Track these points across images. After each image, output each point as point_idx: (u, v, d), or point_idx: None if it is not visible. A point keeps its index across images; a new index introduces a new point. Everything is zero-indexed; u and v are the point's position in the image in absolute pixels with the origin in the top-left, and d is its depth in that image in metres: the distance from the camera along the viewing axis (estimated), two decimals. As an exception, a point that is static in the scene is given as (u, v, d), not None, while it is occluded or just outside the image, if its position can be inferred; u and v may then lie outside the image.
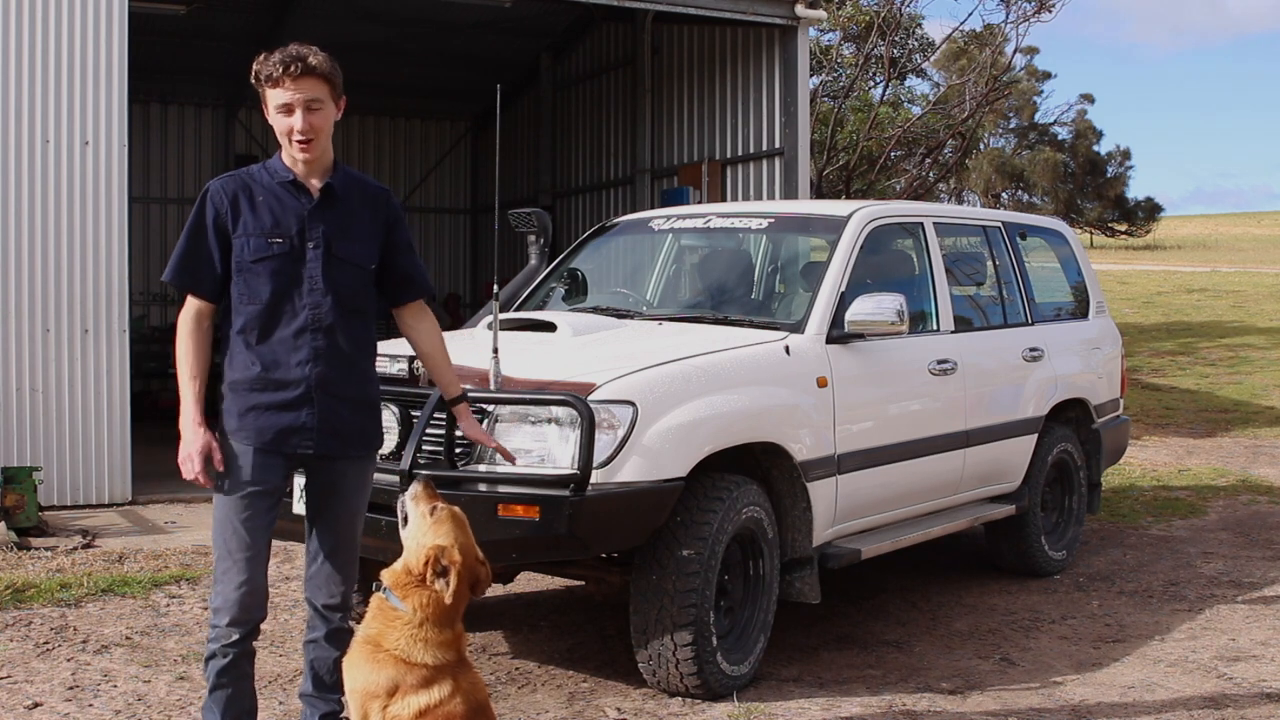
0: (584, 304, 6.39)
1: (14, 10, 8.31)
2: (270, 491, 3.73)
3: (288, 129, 3.67)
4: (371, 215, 3.83)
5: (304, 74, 3.65)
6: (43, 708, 4.71)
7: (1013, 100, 44.98)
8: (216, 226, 3.68)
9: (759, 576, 5.13)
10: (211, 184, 3.76)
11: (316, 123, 3.69)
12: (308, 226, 3.70)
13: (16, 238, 8.30)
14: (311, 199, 3.73)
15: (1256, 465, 10.84)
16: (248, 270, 3.67)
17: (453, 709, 3.30)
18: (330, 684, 3.90)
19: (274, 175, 3.75)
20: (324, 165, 3.78)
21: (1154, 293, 26.88)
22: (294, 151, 3.70)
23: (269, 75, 3.65)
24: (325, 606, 3.87)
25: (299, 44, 3.73)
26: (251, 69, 3.70)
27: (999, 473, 6.63)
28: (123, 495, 8.56)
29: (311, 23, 13.25)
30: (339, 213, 3.76)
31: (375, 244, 3.82)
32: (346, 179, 3.82)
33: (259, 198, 3.70)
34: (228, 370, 3.76)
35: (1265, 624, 6.14)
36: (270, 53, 3.69)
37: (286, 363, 3.68)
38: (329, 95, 3.72)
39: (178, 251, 3.71)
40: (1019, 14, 20.24)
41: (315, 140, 3.69)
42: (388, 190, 3.97)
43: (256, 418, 3.68)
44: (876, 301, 5.43)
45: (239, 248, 3.67)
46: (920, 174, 23.00)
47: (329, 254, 3.69)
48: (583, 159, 15.21)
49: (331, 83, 3.72)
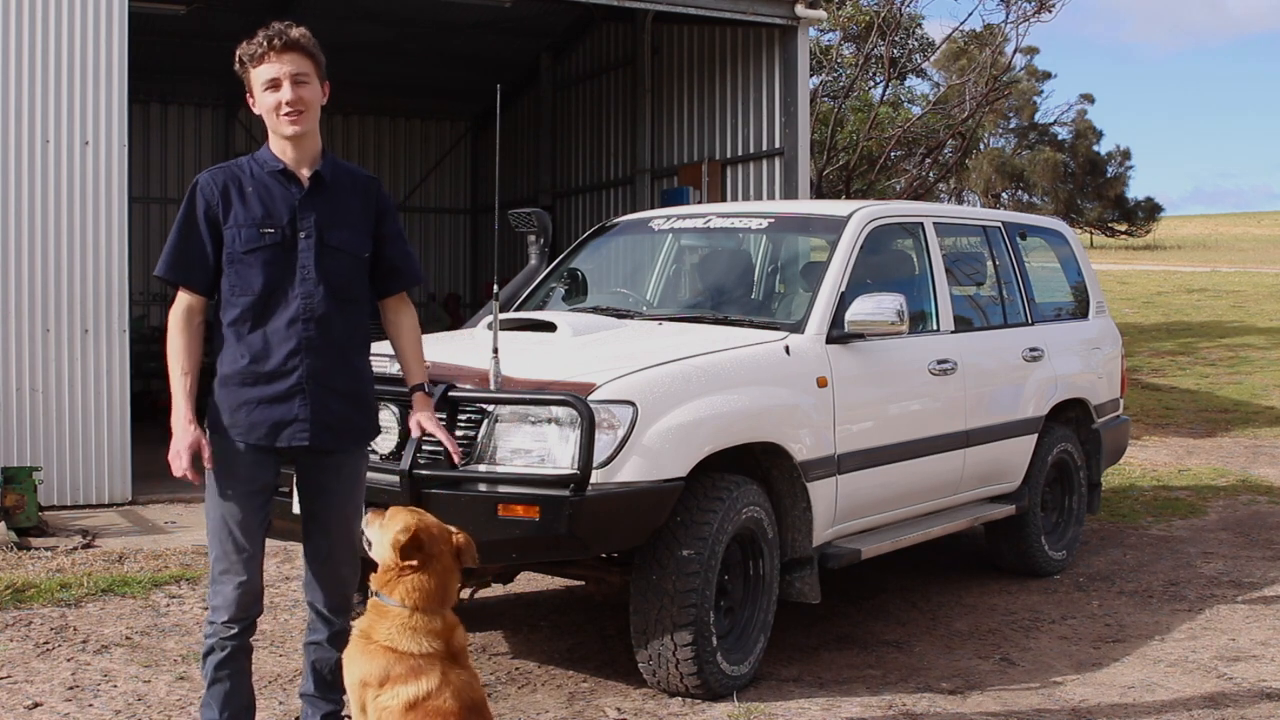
0: (584, 304, 6.39)
1: (14, 10, 8.31)
2: (263, 489, 3.72)
3: (275, 104, 3.64)
4: (362, 204, 3.81)
5: (287, 47, 3.64)
6: (43, 708, 4.71)
7: (1013, 100, 44.99)
8: (208, 219, 3.66)
9: (759, 576, 5.13)
10: (200, 176, 3.74)
11: (305, 95, 3.66)
12: (299, 215, 3.68)
13: (16, 238, 8.30)
14: (301, 188, 3.71)
15: (1256, 465, 10.84)
16: (240, 261, 3.65)
17: (442, 704, 3.31)
18: (332, 683, 3.90)
19: (263, 165, 3.72)
20: (312, 154, 3.74)
21: (1154, 293, 26.89)
22: (283, 127, 3.66)
23: (253, 53, 3.65)
24: (326, 609, 3.87)
25: (278, 21, 3.72)
26: (234, 56, 3.69)
27: (999, 473, 6.63)
28: (123, 495, 8.56)
29: (311, 23, 13.04)
30: (329, 201, 3.73)
31: (367, 232, 3.80)
32: (335, 167, 3.80)
33: (248, 188, 3.68)
34: (218, 365, 3.74)
35: (1265, 624, 6.14)
36: (251, 35, 3.68)
37: (277, 354, 3.65)
38: (314, 71, 3.70)
39: (169, 246, 3.70)
40: (1019, 14, 20.26)
41: (305, 113, 3.65)
42: (376, 179, 3.95)
43: (248, 413, 3.66)
44: (876, 301, 5.43)
45: (230, 239, 3.65)
46: (920, 174, 23.00)
47: (321, 243, 3.66)
48: (583, 159, 15.21)
49: (316, 60, 3.71)
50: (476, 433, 4.62)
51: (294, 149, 3.71)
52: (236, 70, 3.71)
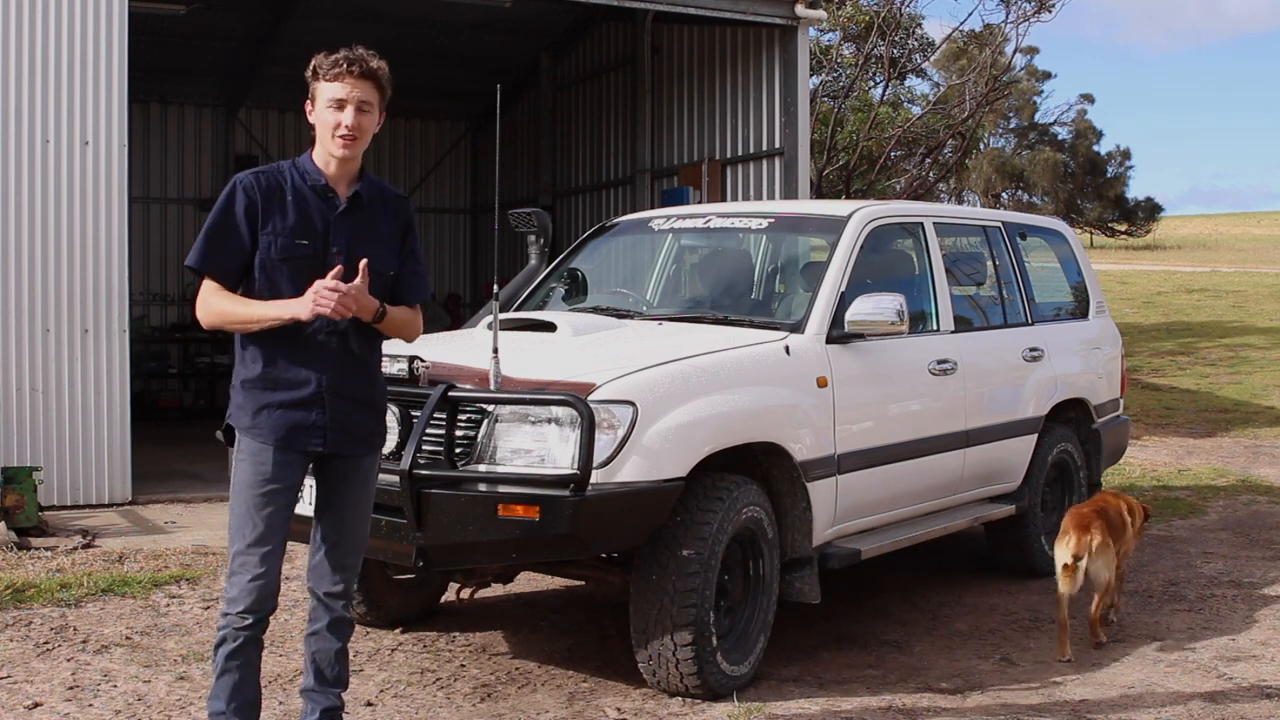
0: (584, 304, 6.39)
1: (14, 10, 8.31)
2: (290, 488, 3.77)
3: (335, 123, 3.72)
4: (392, 222, 3.89)
5: (364, 75, 3.74)
6: (43, 708, 4.71)
7: (1013, 100, 45.03)
8: (248, 217, 3.71)
9: (759, 576, 5.13)
10: (243, 176, 3.79)
11: (364, 123, 3.76)
12: (332, 231, 3.76)
13: (16, 238, 8.30)
14: (339, 204, 3.78)
15: (1256, 465, 10.84)
16: (272, 267, 3.71)
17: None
18: (332, 678, 3.92)
19: (305, 177, 3.79)
20: (353, 171, 3.84)
21: (1154, 293, 26.89)
22: (334, 148, 3.74)
23: (329, 69, 3.72)
24: (328, 594, 3.90)
25: (363, 47, 3.81)
26: (309, 65, 3.76)
27: (999, 473, 6.63)
28: (123, 495, 8.57)
29: (311, 23, 13.25)
30: (363, 220, 3.81)
31: (394, 252, 3.88)
32: (372, 187, 3.88)
33: (289, 197, 3.75)
34: (240, 368, 3.80)
35: (1265, 624, 6.14)
36: (333, 50, 3.77)
37: (299, 363, 3.72)
38: (379, 103, 3.81)
39: (203, 238, 3.73)
40: (1019, 14, 20.26)
41: (358, 140, 3.75)
42: (406, 197, 4.04)
43: (270, 415, 3.73)
44: (876, 301, 5.43)
45: (265, 244, 3.71)
46: (920, 174, 22.98)
47: (350, 260, 3.71)
48: (583, 159, 15.21)
49: (384, 93, 3.82)
50: (476, 433, 4.62)
51: (337, 166, 3.79)
52: (306, 76, 3.79)
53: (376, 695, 4.94)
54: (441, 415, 4.65)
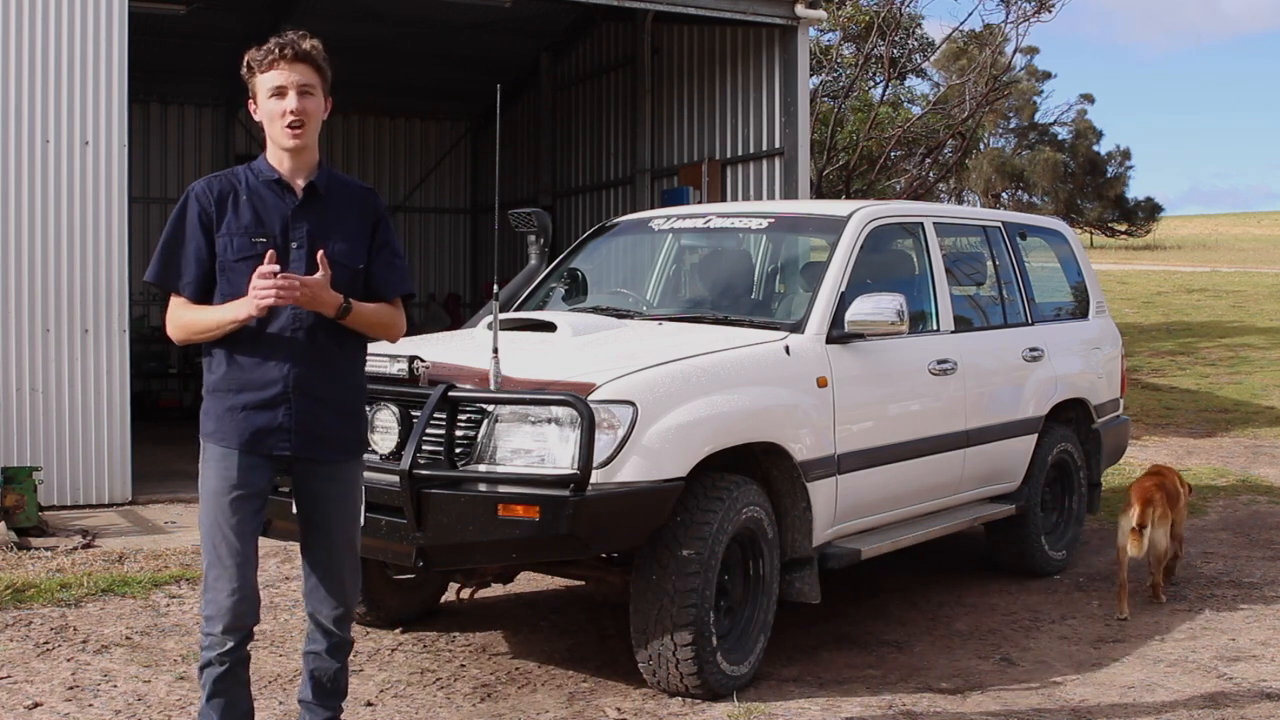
0: (584, 304, 6.39)
1: (14, 10, 8.31)
2: (256, 494, 3.67)
3: (279, 111, 3.63)
4: (358, 215, 3.79)
5: (298, 58, 3.64)
6: (43, 708, 4.71)
7: (1013, 100, 45.02)
8: (202, 224, 3.65)
9: (759, 576, 5.13)
10: (196, 184, 3.73)
11: (309, 107, 3.66)
12: (291, 225, 3.67)
13: (16, 238, 8.30)
14: (295, 198, 3.70)
15: (1256, 465, 10.84)
16: (231, 269, 3.63)
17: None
18: (330, 691, 3.87)
19: (258, 175, 3.71)
20: (309, 164, 3.73)
21: (1154, 293, 26.88)
22: (283, 139, 3.65)
23: (262, 60, 3.64)
24: (328, 620, 3.82)
25: (292, 30, 3.71)
26: (243, 61, 3.68)
27: (999, 473, 6.63)
28: (123, 495, 8.56)
29: (311, 23, 13.17)
30: (323, 211, 3.72)
31: (362, 244, 3.77)
32: (330, 179, 3.78)
33: (243, 197, 3.67)
34: (207, 374, 3.71)
35: (1265, 624, 6.14)
36: (262, 43, 3.68)
37: (265, 362, 3.63)
38: (320, 85, 3.70)
39: (160, 251, 3.69)
40: (1019, 14, 20.25)
41: (306, 125, 3.65)
42: (372, 189, 3.93)
43: (234, 418, 3.63)
44: (876, 301, 5.43)
45: (222, 246, 3.63)
46: (920, 174, 22.98)
47: (312, 254, 3.63)
48: (583, 159, 15.21)
49: (323, 74, 3.71)
50: (476, 433, 4.62)
51: (291, 159, 3.70)
52: (243, 75, 3.71)
53: (376, 695, 4.94)
54: (441, 415, 4.64)
